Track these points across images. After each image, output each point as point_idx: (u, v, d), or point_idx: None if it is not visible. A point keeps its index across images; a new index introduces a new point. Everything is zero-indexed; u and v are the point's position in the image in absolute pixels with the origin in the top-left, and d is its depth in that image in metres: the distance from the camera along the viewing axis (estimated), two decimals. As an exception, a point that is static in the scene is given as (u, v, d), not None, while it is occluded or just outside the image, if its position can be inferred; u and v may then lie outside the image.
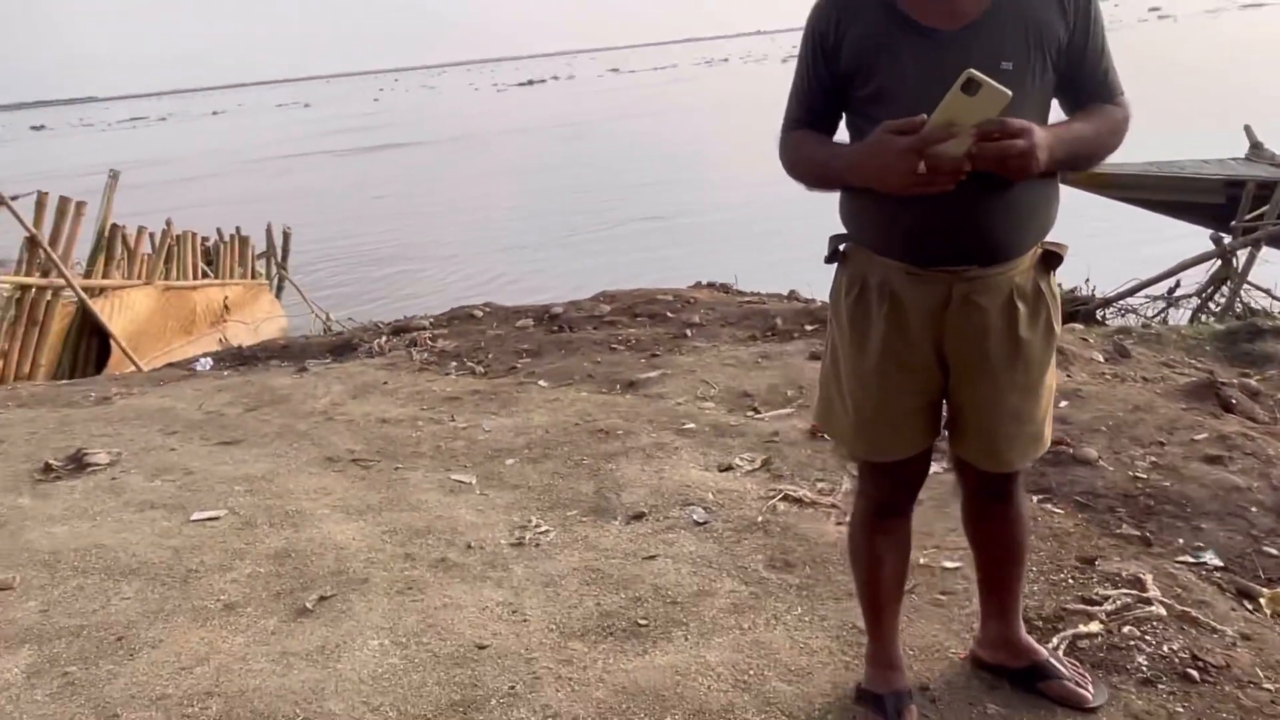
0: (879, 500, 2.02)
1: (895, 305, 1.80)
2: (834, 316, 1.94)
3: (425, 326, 6.26)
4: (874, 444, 1.92)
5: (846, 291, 1.87)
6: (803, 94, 1.86)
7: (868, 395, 1.87)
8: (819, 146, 1.83)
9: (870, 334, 1.83)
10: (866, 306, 1.83)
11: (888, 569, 2.04)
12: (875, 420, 1.89)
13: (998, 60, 1.65)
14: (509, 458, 3.83)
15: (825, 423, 2.05)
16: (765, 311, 5.73)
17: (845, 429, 1.94)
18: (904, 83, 1.70)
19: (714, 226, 15.08)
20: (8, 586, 2.99)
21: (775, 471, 3.50)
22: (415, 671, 2.40)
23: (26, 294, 7.48)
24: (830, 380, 1.98)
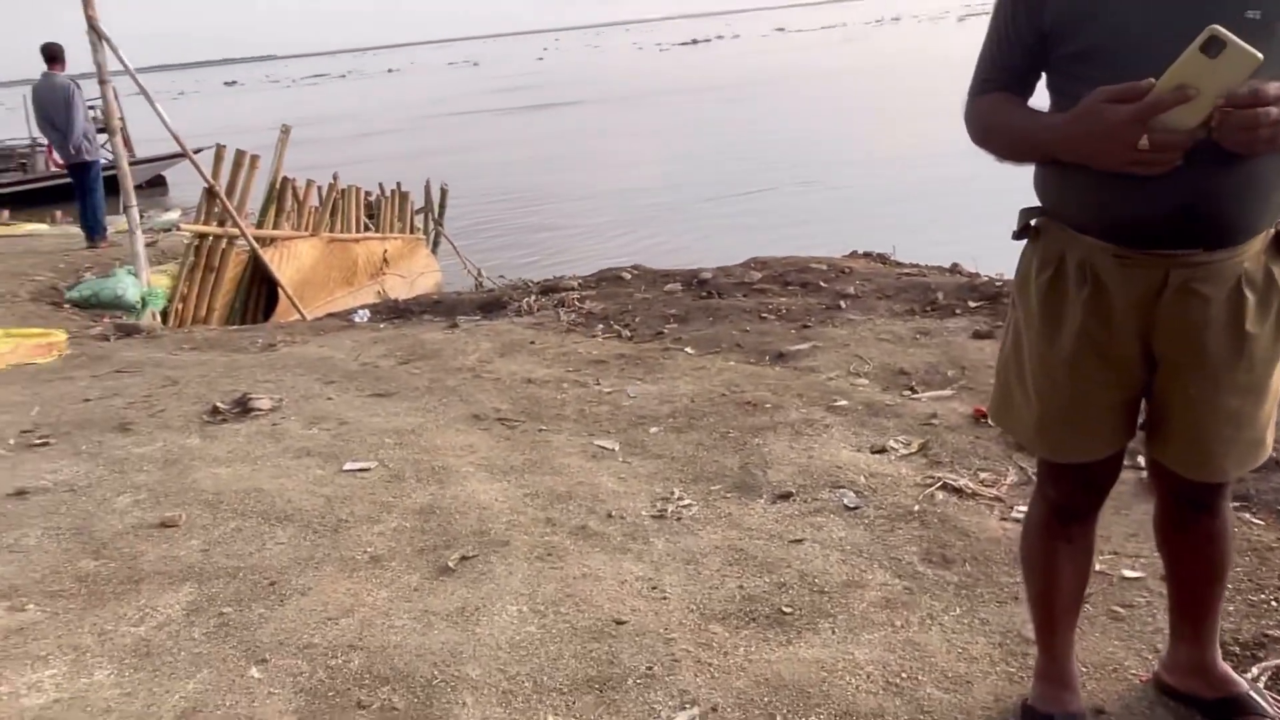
0: (1060, 504, 1.81)
1: (1098, 290, 1.59)
2: (1020, 298, 1.73)
3: (574, 287, 6.25)
4: (1060, 443, 1.72)
5: (1038, 271, 1.66)
6: (997, 52, 1.65)
7: (1056, 389, 1.67)
8: (1017, 113, 1.62)
9: (1065, 320, 1.63)
10: (1062, 289, 1.63)
11: (1066, 580, 1.84)
12: (1063, 417, 1.68)
13: (1242, 6, 1.40)
14: (653, 425, 3.76)
15: (1002, 417, 1.84)
16: (925, 284, 5.44)
17: (1026, 425, 1.74)
18: (1123, 37, 1.47)
19: (874, 193, 14.53)
20: (174, 524, 3.12)
21: (933, 457, 3.29)
22: (553, 642, 2.36)
23: (204, 242, 7.88)
24: (1010, 369, 1.77)
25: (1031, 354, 1.70)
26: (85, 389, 4.80)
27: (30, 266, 8.15)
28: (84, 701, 2.23)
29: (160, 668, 2.35)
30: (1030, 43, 1.60)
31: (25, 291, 7.42)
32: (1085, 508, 1.83)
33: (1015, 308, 1.75)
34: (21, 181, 19.87)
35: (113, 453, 3.81)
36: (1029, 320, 1.70)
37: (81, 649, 2.45)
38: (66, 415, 4.35)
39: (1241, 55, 1.26)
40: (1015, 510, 2.86)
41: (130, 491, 3.40)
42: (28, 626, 2.57)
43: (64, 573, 2.85)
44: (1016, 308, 1.74)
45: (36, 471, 3.64)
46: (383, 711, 2.13)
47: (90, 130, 8.79)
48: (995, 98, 1.65)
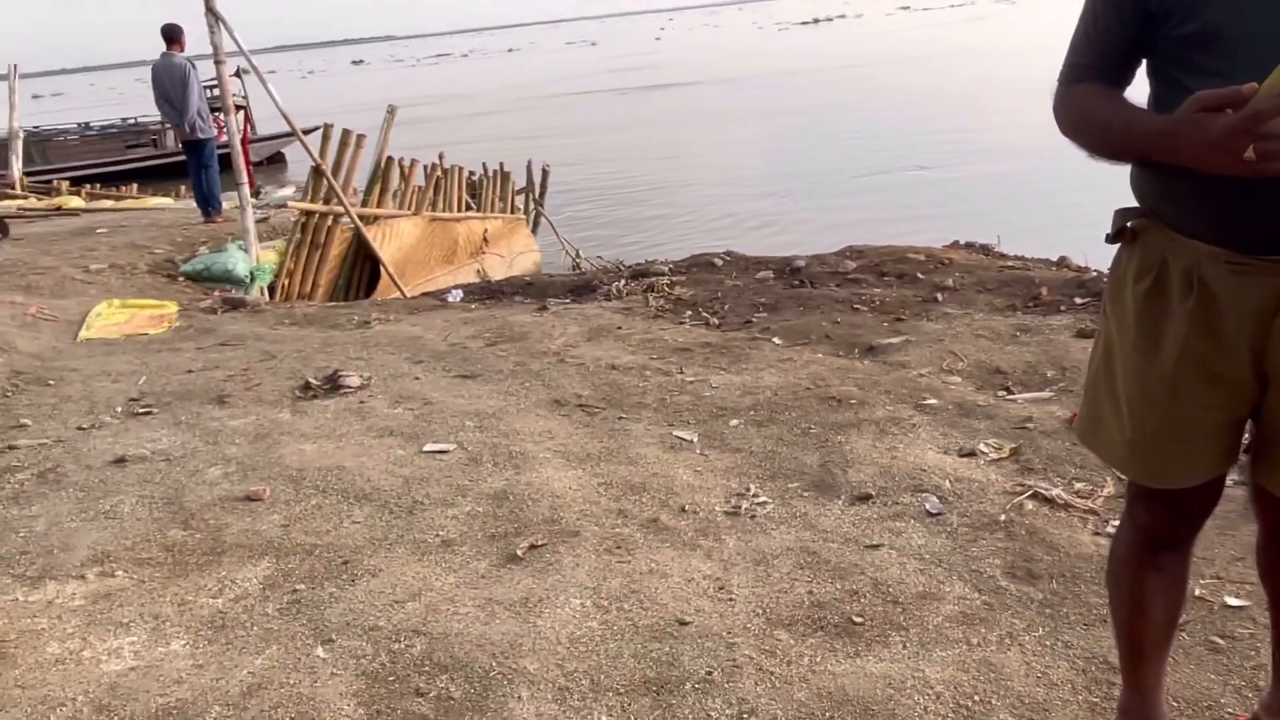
0: (1152, 531, 1.66)
1: (1206, 301, 1.43)
2: (1112, 308, 1.58)
3: (664, 273, 6.20)
4: (1154, 467, 1.57)
5: (1136, 279, 1.52)
6: (1093, 35, 1.51)
7: (1153, 409, 1.52)
8: (1114, 109, 1.46)
9: (1166, 334, 1.48)
10: (1164, 300, 1.48)
11: (1156, 612, 1.70)
12: (1159, 439, 1.53)
13: None
14: (733, 418, 3.69)
15: (1089, 437, 1.68)
16: (1029, 279, 5.20)
17: (1117, 446, 1.59)
18: (1244, 21, 1.32)
19: (982, 181, 14.03)
20: (258, 498, 3.21)
21: (1025, 463, 3.13)
22: (613, 640, 2.32)
23: (310, 219, 8.11)
24: (1100, 385, 1.62)
25: (1125, 369, 1.55)
26: (189, 360, 4.99)
27: (150, 240, 8.52)
28: (158, 671, 2.29)
29: (232, 641, 2.41)
30: (1132, 25, 1.45)
31: (144, 264, 7.76)
32: (1179, 536, 1.68)
33: (1107, 318, 1.60)
34: (151, 157, 20.89)
35: (208, 424, 3.94)
36: (1123, 332, 1.55)
37: (161, 618, 2.53)
38: (170, 386, 4.52)
39: None
40: (1110, 525, 2.70)
41: (221, 464, 3.51)
42: (115, 593, 2.67)
43: (153, 541, 2.95)
44: (1109, 318, 1.60)
45: (138, 440, 3.79)
46: (439, 700, 2.14)
47: (204, 109, 9.11)
48: (1088, 89, 1.50)
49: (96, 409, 4.24)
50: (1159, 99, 1.48)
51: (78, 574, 2.77)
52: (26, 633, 2.47)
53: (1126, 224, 1.55)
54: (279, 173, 20.63)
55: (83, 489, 3.36)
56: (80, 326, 5.82)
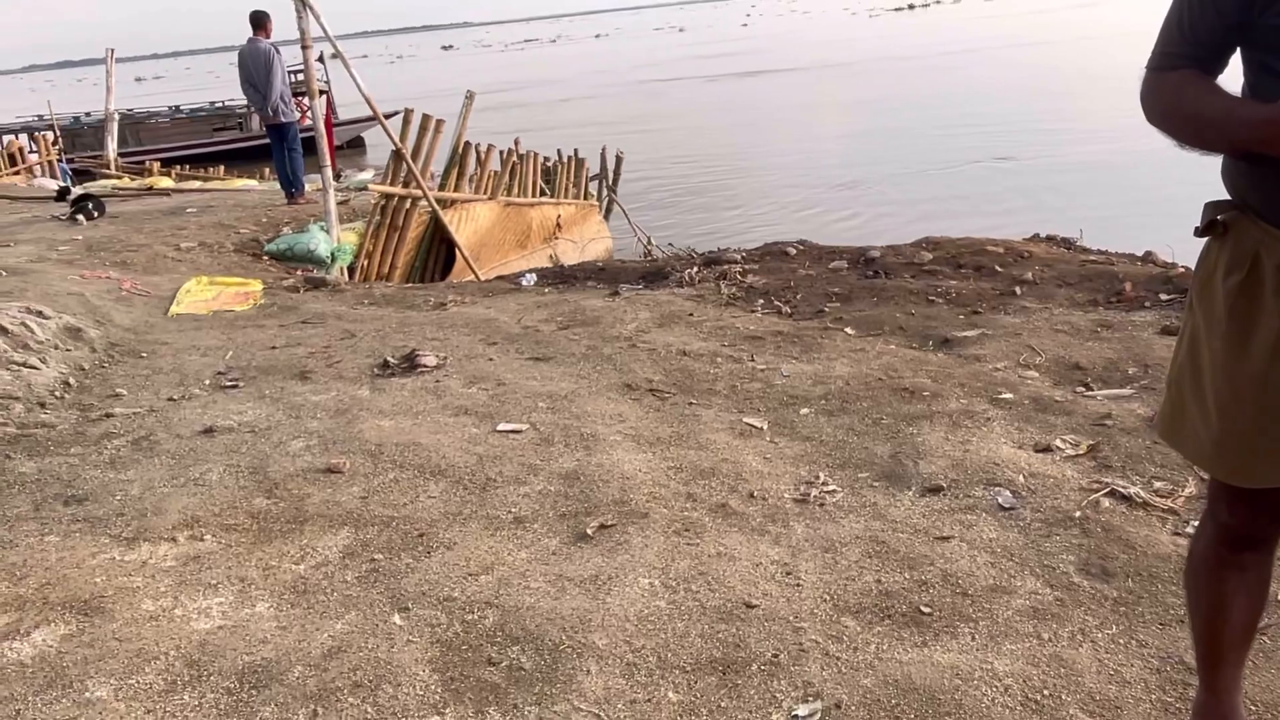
0: (1235, 531, 1.63)
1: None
2: (1200, 302, 1.55)
3: (736, 260, 6.19)
4: (1241, 466, 1.53)
5: (1227, 273, 1.49)
6: (1187, 23, 1.47)
7: (1243, 405, 1.49)
8: (1208, 96, 1.42)
9: (1257, 329, 1.45)
10: (1257, 294, 1.45)
11: (1236, 613, 1.67)
12: (1248, 437, 1.50)
13: None
14: (804, 406, 3.68)
15: (1172, 434, 1.66)
16: (1112, 273, 5.07)
17: (1203, 444, 1.57)
18: None
19: (1069, 173, 13.67)
20: (339, 470, 3.31)
21: (1103, 460, 3.08)
22: (681, 619, 2.36)
23: (390, 202, 8.28)
24: (1185, 380, 1.60)
25: (1214, 365, 1.53)
26: (273, 337, 5.15)
27: (237, 220, 8.79)
28: (245, 630, 2.40)
29: (314, 605, 2.50)
30: (1230, 11, 1.41)
31: (231, 243, 8.01)
32: (1263, 535, 1.64)
33: (1193, 312, 1.58)
34: (238, 139, 21.53)
35: (292, 398, 4.07)
36: (1212, 327, 1.52)
37: (248, 581, 2.64)
38: (255, 360, 4.68)
39: None
40: (1190, 525, 2.64)
41: (303, 437, 3.63)
42: (203, 556, 2.79)
43: (239, 508, 3.07)
44: (1195, 312, 1.57)
45: (225, 412, 3.94)
46: (511, 670, 2.19)
47: (287, 93, 9.35)
48: (1182, 75, 1.47)
49: (186, 381, 4.41)
50: (1257, 88, 1.44)
51: (169, 536, 2.90)
52: (123, 590, 2.60)
53: (1217, 217, 1.52)
54: (358, 156, 21.07)
55: (174, 456, 3.50)
56: (171, 302, 6.04)
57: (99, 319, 5.38)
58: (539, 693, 2.12)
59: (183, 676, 2.22)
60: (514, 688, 2.14)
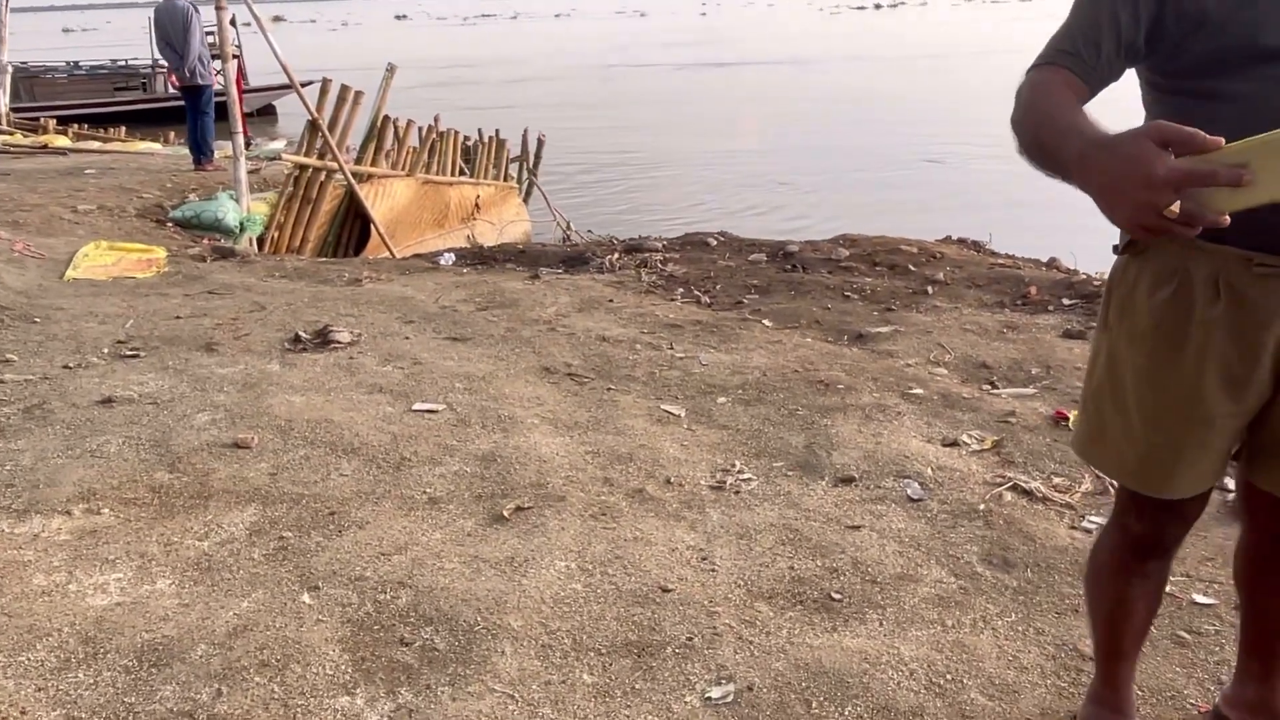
0: (1145, 539, 1.67)
1: (1236, 308, 1.42)
2: (1120, 319, 1.55)
3: (657, 249, 6.21)
4: (1164, 478, 1.55)
5: (1153, 288, 1.49)
6: (1085, 22, 1.39)
7: (1174, 420, 1.50)
8: (1066, 108, 1.30)
9: (1189, 344, 1.46)
10: (1187, 308, 1.46)
11: (1137, 614, 1.73)
12: (1175, 448, 1.52)
13: None
14: (721, 395, 3.72)
15: (1091, 451, 1.66)
16: (1019, 277, 5.26)
17: (1125, 459, 1.58)
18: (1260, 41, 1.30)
19: (988, 177, 14.07)
20: (246, 445, 3.22)
21: (1006, 456, 3.19)
22: (596, 602, 2.36)
23: (303, 173, 8.05)
24: (1104, 399, 1.59)
25: (1140, 381, 1.53)
26: (178, 306, 4.97)
27: (140, 184, 8.43)
28: (144, 608, 2.31)
29: (218, 583, 2.43)
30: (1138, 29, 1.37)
31: (133, 207, 7.68)
32: (1170, 542, 1.68)
33: (1110, 329, 1.57)
34: (141, 100, 20.62)
35: (197, 371, 3.93)
36: (1136, 343, 1.53)
37: (148, 557, 2.55)
38: (158, 330, 4.51)
39: None
40: (1086, 520, 2.76)
41: (209, 410, 3.51)
42: (101, 530, 2.68)
43: (140, 482, 2.96)
44: (1112, 329, 1.57)
45: (125, 382, 3.79)
46: (423, 651, 2.17)
47: (205, 55, 9.01)
48: (1056, 75, 1.37)
49: (83, 349, 4.22)
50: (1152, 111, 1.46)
51: (64, 509, 2.78)
52: (12, 564, 2.48)
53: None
54: (270, 125, 20.41)
55: (69, 427, 3.35)
56: (67, 266, 5.77)
57: (-12, 280, 5.10)
58: (452, 674, 2.10)
59: (77, 654, 2.13)
60: (427, 668, 2.11)
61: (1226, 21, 1.33)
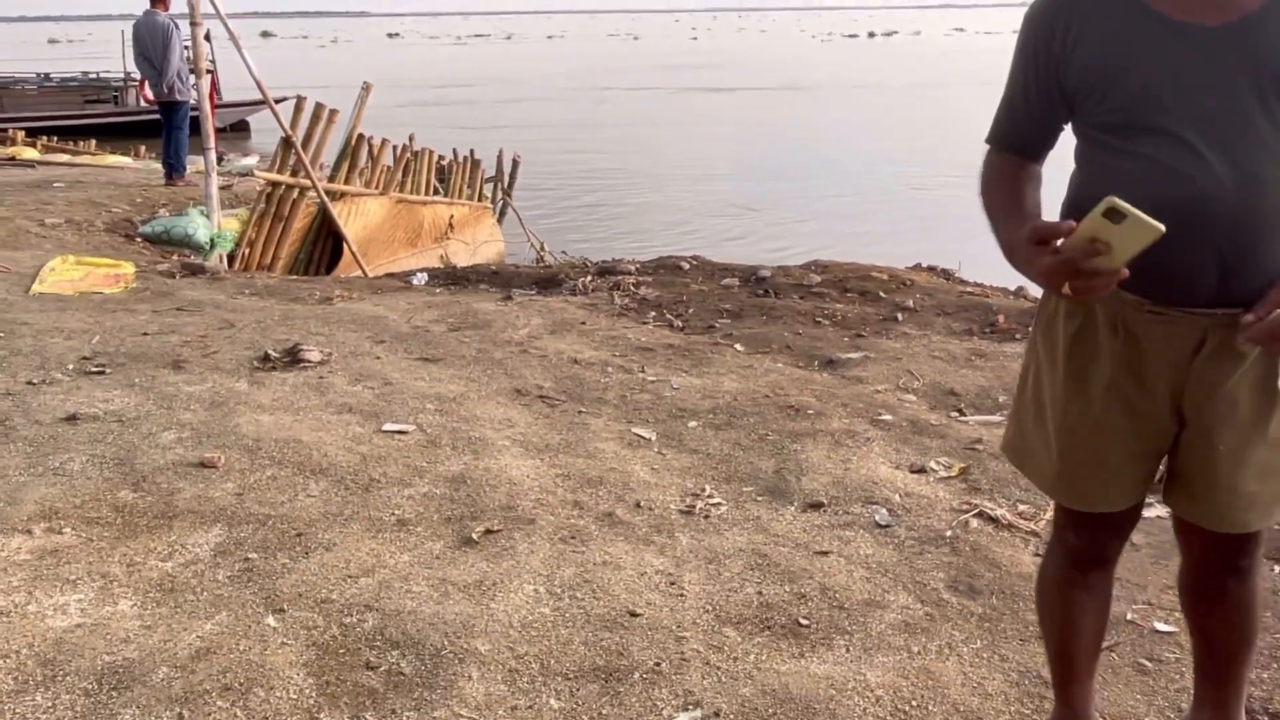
0: (1082, 552, 1.75)
1: (1132, 347, 1.52)
2: (1042, 343, 1.66)
3: (630, 272, 6.24)
4: (1080, 493, 1.66)
5: (1066, 320, 1.59)
6: (1016, 106, 1.61)
7: (1079, 441, 1.61)
8: (1008, 198, 1.59)
9: (1093, 374, 1.57)
10: (1092, 343, 1.56)
11: (1086, 629, 1.79)
12: (1085, 468, 1.62)
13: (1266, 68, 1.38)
14: (692, 420, 3.74)
15: (1016, 456, 1.78)
16: (987, 305, 5.33)
17: (1045, 471, 1.69)
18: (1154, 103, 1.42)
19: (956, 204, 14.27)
20: (213, 465, 3.18)
21: (973, 483, 3.22)
22: (565, 626, 2.36)
23: (276, 190, 8.01)
24: (1028, 412, 1.70)
25: (1054, 402, 1.63)
26: (145, 323, 4.92)
27: (109, 198, 8.37)
28: (105, 629, 2.28)
29: (181, 605, 2.40)
30: (1048, 104, 1.56)
31: (101, 222, 7.62)
32: (1107, 553, 1.77)
33: (1036, 350, 1.68)
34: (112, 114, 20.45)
35: (163, 388, 3.89)
36: (1052, 369, 1.63)
37: (110, 578, 2.51)
38: (124, 347, 4.46)
39: (1142, 227, 1.27)
40: (1042, 558, 2.79)
41: (175, 428, 3.48)
42: (62, 549, 2.64)
43: (103, 501, 2.92)
44: (1037, 351, 1.67)
45: (90, 399, 3.74)
46: (390, 675, 2.15)
47: (184, 70, 8.98)
48: (1003, 165, 1.62)
49: (48, 364, 4.17)
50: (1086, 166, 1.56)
51: (24, 528, 2.74)
52: (-31, 583, 2.44)
53: None
54: (243, 141, 20.30)
55: (31, 444, 3.31)
56: (32, 280, 5.70)
57: (-49, 294, 5.03)
58: (418, 698, 2.08)
59: (35, 676, 2.10)
60: (393, 693, 2.10)
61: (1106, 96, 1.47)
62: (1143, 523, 2.84)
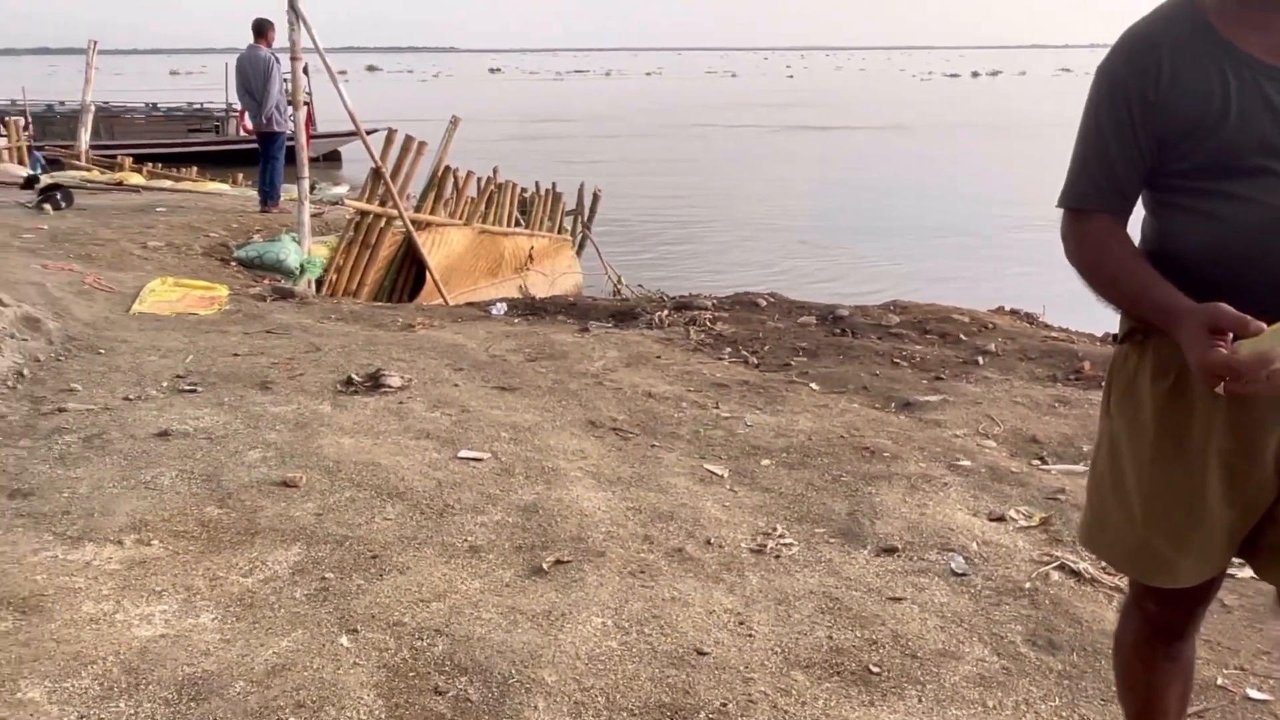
0: (1164, 623, 1.66)
1: (1240, 406, 1.42)
2: (1121, 408, 1.55)
3: (707, 307, 6.25)
4: (1167, 569, 1.55)
5: (1154, 379, 1.49)
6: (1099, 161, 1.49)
7: (1175, 513, 1.50)
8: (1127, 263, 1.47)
9: (1189, 436, 1.46)
10: (1187, 403, 1.46)
11: (1169, 699, 1.69)
12: (1176, 541, 1.52)
13: None
14: (765, 458, 3.71)
15: (1093, 540, 1.68)
16: (1072, 351, 5.19)
17: (1126, 548, 1.58)
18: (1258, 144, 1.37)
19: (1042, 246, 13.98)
20: (294, 484, 3.27)
21: (1054, 534, 3.13)
22: (631, 661, 2.35)
23: (364, 219, 8.26)
24: (1105, 486, 1.59)
25: (1139, 471, 1.53)
26: (236, 344, 5.09)
27: (207, 223, 8.71)
28: (187, 641, 2.35)
29: (259, 620, 2.46)
30: (1147, 151, 1.46)
31: (199, 246, 7.93)
32: (1189, 623, 1.68)
33: (1112, 419, 1.58)
34: (214, 142, 21.35)
35: (251, 408, 4.02)
36: (1136, 433, 1.53)
37: (193, 590, 2.59)
38: (216, 366, 4.62)
39: None
40: (1118, 626, 2.69)
41: (260, 447, 3.58)
42: (150, 561, 2.73)
43: (189, 515, 3.02)
44: (1113, 419, 1.57)
45: (182, 416, 3.88)
46: (457, 701, 2.17)
47: (283, 103, 9.34)
48: (1100, 230, 1.50)
49: (144, 381, 4.34)
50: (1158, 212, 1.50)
51: (115, 539, 2.84)
52: (64, 590, 2.54)
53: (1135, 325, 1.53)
54: (334, 170, 20.97)
55: (126, 457, 3.44)
56: (133, 300, 5.95)
57: (58, 311, 5.28)
58: (484, 726, 2.09)
59: (120, 683, 2.17)
60: (459, 718, 2.11)
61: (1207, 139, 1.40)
62: (1235, 583, 2.74)
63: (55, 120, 20.62)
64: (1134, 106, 1.45)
